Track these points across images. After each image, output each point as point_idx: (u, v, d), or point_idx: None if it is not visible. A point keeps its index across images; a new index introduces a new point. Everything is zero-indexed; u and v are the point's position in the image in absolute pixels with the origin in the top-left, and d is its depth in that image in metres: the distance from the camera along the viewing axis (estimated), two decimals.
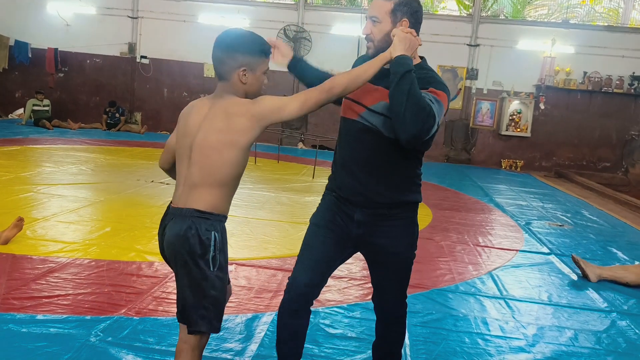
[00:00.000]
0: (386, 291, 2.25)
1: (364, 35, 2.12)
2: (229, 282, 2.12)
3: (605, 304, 3.84)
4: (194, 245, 1.86)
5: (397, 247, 2.14)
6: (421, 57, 2.19)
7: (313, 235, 2.19)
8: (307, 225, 2.28)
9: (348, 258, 2.28)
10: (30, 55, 12.79)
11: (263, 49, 1.96)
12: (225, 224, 1.99)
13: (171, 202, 1.98)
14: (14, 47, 12.70)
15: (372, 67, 1.90)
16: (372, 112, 2.03)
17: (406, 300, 2.30)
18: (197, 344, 1.98)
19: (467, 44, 12.22)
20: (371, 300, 2.35)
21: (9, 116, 13.10)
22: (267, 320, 3.09)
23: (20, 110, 12.82)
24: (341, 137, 2.20)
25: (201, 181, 1.90)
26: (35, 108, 12.00)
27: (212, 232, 1.88)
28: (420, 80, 1.92)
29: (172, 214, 1.94)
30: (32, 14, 12.96)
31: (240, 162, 1.92)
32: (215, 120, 1.88)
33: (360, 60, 2.19)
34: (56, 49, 12.72)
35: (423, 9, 2.25)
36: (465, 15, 12.84)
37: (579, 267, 4.36)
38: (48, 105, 12.27)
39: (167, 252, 1.97)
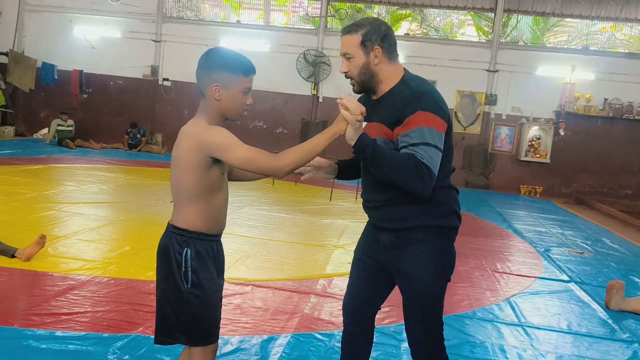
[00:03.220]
0: (409, 323, 2.17)
1: (343, 74, 2.11)
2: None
3: (627, 334, 3.76)
4: (171, 260, 1.93)
5: (418, 275, 2.07)
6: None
7: (353, 266, 2.35)
8: (324, 247, 2.33)
9: (392, 286, 2.27)
10: (56, 77, 13.10)
11: (241, 67, 1.93)
12: (240, 245, 2.03)
13: None
14: (41, 69, 13.03)
15: (322, 143, 1.86)
16: None
17: (437, 342, 2.15)
18: (204, 357, 2.00)
19: (486, 70, 12.24)
20: (389, 325, 2.35)
21: (34, 135, 13.38)
22: (283, 342, 3.09)
23: (45, 130, 13.09)
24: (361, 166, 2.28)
25: (173, 198, 2.01)
26: (59, 128, 12.25)
27: (185, 249, 1.93)
28: (404, 102, 1.97)
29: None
30: (60, 37, 13.30)
31: (189, 181, 1.91)
32: (179, 138, 1.95)
33: (361, 100, 2.18)
34: (81, 71, 13.01)
35: (443, 34, 2.27)
36: (484, 41, 12.89)
37: (609, 293, 4.28)
38: (72, 126, 12.51)
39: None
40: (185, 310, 1.93)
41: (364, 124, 2.04)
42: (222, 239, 2.09)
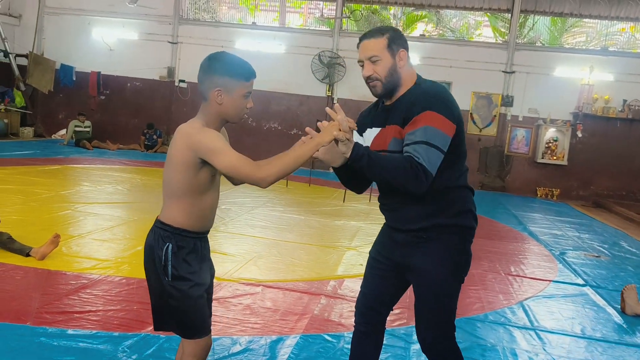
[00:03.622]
0: (417, 317, 2.20)
1: (365, 77, 2.12)
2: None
3: None
4: (156, 254, 2.00)
5: (430, 271, 2.10)
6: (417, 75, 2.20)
7: (367, 266, 2.35)
8: (336, 249, 2.33)
9: (405, 286, 2.30)
10: (74, 79, 13.28)
11: (242, 72, 1.97)
12: (253, 245, 2.05)
13: None
14: (59, 71, 13.22)
15: (306, 154, 1.91)
16: (391, 152, 2.09)
17: (447, 340, 2.18)
18: (193, 351, 2.05)
19: (503, 71, 12.13)
20: (399, 328, 2.41)
21: (52, 136, 13.57)
22: (292, 342, 3.09)
23: (63, 131, 13.27)
24: None
25: (164, 192, 2.04)
26: (77, 129, 12.41)
27: (167, 244, 1.98)
28: (415, 101, 2.02)
29: None
30: (78, 40, 13.49)
31: (178, 179, 1.96)
32: (175, 136, 1.99)
33: (366, 113, 2.29)
34: (99, 73, 13.18)
35: (459, 35, 2.28)
36: (500, 42, 12.78)
37: (622, 299, 4.22)
38: (89, 127, 12.67)
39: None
40: (169, 303, 2.01)
41: (378, 130, 2.15)
42: (233, 240, 2.13)
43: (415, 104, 2.01)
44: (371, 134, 2.19)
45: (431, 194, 2.04)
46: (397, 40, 2.09)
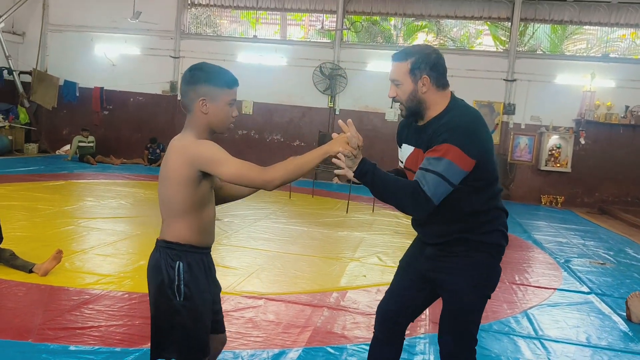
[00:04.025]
0: (441, 332, 2.21)
1: (391, 98, 2.17)
2: (221, 330, 2.15)
3: None
4: (163, 274, 1.94)
5: (455, 285, 2.13)
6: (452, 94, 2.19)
7: (395, 275, 2.39)
8: (339, 260, 2.33)
9: (430, 301, 2.32)
10: (77, 94, 13.37)
11: (225, 80, 1.97)
12: (255, 258, 2.03)
13: None
14: (63, 87, 13.32)
15: (313, 161, 1.91)
16: None
17: (467, 351, 2.18)
18: None
19: (504, 79, 12.15)
20: None
21: (56, 152, 13.65)
22: (294, 356, 3.07)
23: (67, 147, 13.35)
24: None
25: (162, 213, 2.01)
26: (81, 144, 12.48)
27: (177, 262, 1.94)
28: (439, 130, 2.00)
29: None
30: (81, 56, 13.60)
31: (179, 196, 1.93)
32: (167, 153, 1.97)
33: (403, 124, 2.30)
34: (102, 88, 13.27)
35: (459, 44, 2.29)
36: (501, 50, 12.82)
37: (627, 307, 4.19)
38: (93, 142, 12.74)
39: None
40: (178, 322, 1.95)
41: (412, 148, 2.16)
42: (235, 253, 2.11)
43: (439, 133, 1.99)
44: (407, 149, 2.21)
45: (460, 216, 2.09)
46: (421, 65, 2.06)
